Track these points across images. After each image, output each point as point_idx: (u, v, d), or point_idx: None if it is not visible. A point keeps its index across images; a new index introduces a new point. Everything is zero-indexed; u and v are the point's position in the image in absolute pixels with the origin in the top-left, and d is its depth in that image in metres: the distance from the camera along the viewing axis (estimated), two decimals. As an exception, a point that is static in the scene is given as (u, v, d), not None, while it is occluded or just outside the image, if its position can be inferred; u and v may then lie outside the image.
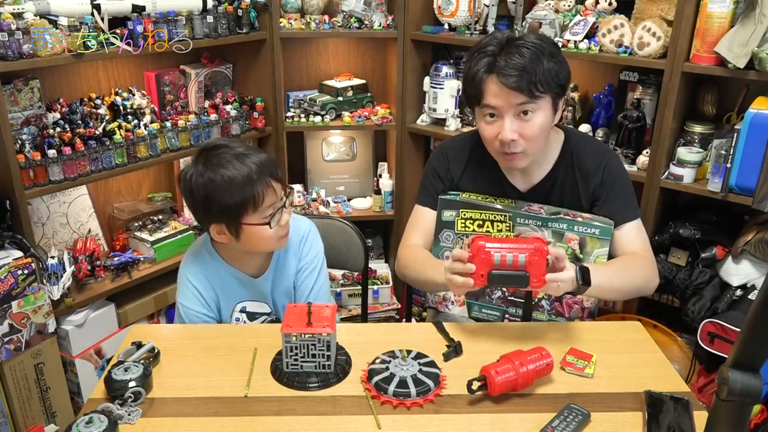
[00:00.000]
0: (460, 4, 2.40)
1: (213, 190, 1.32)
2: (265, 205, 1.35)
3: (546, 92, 1.36)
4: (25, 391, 1.93)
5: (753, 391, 0.76)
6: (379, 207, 2.79)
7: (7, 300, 1.78)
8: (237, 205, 1.32)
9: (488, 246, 1.25)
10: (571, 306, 1.53)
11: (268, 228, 1.37)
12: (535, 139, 1.40)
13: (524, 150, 1.41)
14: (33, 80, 1.96)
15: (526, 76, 1.32)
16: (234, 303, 1.52)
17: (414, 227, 1.62)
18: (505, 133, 1.37)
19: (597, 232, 1.46)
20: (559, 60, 1.37)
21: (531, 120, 1.38)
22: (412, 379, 1.20)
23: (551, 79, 1.35)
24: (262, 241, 1.40)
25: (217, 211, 1.34)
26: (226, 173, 1.31)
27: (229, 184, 1.31)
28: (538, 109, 1.37)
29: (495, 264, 1.25)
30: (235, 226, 1.36)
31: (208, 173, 1.32)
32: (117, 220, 2.38)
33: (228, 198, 1.32)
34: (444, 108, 2.55)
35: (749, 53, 1.80)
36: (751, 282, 1.98)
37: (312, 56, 2.81)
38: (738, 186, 1.91)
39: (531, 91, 1.34)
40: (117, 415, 1.11)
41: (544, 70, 1.33)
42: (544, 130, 1.41)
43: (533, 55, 1.33)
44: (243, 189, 1.32)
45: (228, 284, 1.50)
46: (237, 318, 1.53)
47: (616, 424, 1.13)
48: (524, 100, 1.35)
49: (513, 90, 1.33)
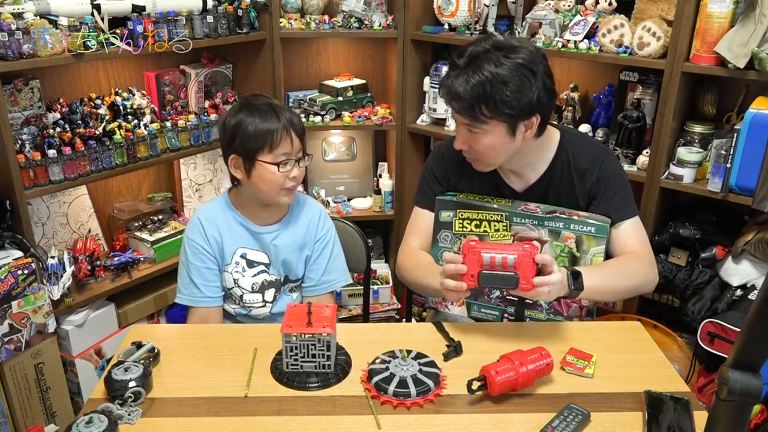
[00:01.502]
0: (460, 4, 2.40)
1: (240, 126, 1.49)
2: (280, 150, 1.48)
3: (492, 119, 1.36)
4: (25, 391, 1.93)
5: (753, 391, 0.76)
6: (379, 207, 2.79)
7: (7, 300, 1.78)
8: (256, 139, 1.47)
9: (478, 247, 1.28)
10: (569, 305, 1.53)
11: (276, 171, 1.48)
12: (483, 155, 1.44)
13: (477, 159, 1.46)
14: (33, 80, 1.96)
15: (464, 103, 1.36)
16: (236, 247, 1.59)
17: (413, 229, 1.63)
18: (455, 142, 1.47)
19: (593, 231, 1.46)
20: (519, 88, 1.33)
21: (479, 139, 1.41)
22: (412, 379, 1.20)
23: (497, 108, 1.34)
24: (269, 184, 1.51)
25: (239, 143, 1.49)
26: (256, 113, 1.49)
27: (255, 121, 1.48)
28: (484, 131, 1.39)
29: (485, 264, 1.27)
30: (250, 160, 1.49)
31: (240, 114, 1.51)
32: (117, 220, 2.38)
33: (251, 132, 1.48)
34: (444, 108, 2.55)
35: (749, 53, 1.80)
36: (751, 282, 1.98)
37: (312, 56, 2.81)
38: (738, 186, 1.91)
39: (473, 117, 1.37)
40: (117, 415, 1.11)
41: (491, 99, 1.33)
42: (495, 149, 1.42)
43: (479, 83, 1.33)
44: (265, 128, 1.47)
45: (233, 228, 1.59)
46: (237, 262, 1.60)
47: (616, 424, 1.14)
48: (467, 122, 1.39)
49: (455, 111, 1.40)
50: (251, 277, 1.61)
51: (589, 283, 1.34)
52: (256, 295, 1.62)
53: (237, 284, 1.60)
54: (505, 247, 1.28)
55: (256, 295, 1.62)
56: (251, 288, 1.61)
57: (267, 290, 1.62)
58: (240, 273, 1.60)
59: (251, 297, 1.62)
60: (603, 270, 1.44)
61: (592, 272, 1.38)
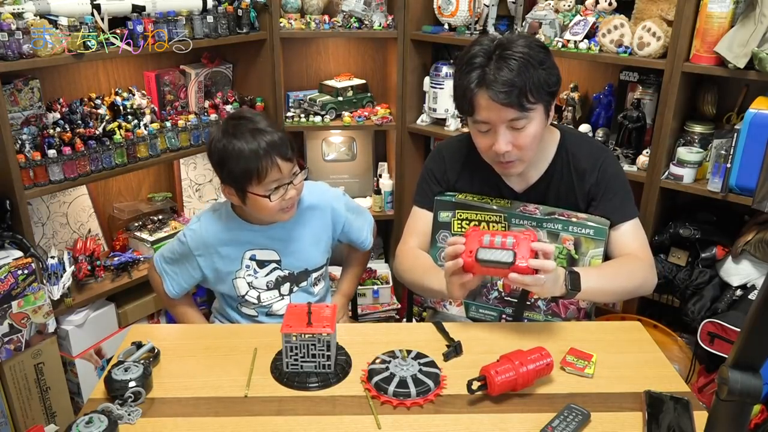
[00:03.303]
0: (460, 4, 2.40)
1: (225, 157, 1.45)
2: (269, 179, 1.44)
3: (537, 102, 1.35)
4: (25, 391, 1.93)
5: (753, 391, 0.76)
6: (379, 207, 2.79)
7: (7, 300, 1.78)
8: (242, 174, 1.44)
9: (480, 231, 1.29)
10: (567, 306, 1.53)
11: (269, 201, 1.46)
12: (529, 147, 1.41)
13: (519, 158, 1.42)
14: (33, 80, 1.96)
15: (515, 91, 1.31)
16: (243, 251, 1.58)
17: (412, 229, 1.63)
18: (499, 146, 1.38)
19: (591, 233, 1.46)
20: (548, 66, 1.34)
21: (524, 130, 1.37)
22: (412, 379, 1.20)
23: (541, 89, 1.33)
24: (265, 210, 1.49)
25: (227, 176, 1.47)
26: (237, 144, 1.43)
27: (237, 155, 1.43)
28: (529, 120, 1.36)
29: (484, 244, 1.27)
30: (241, 191, 1.47)
31: (224, 141, 1.45)
32: (117, 220, 2.38)
33: (235, 167, 1.44)
34: (444, 108, 2.55)
35: (749, 53, 1.80)
36: (751, 282, 1.98)
37: (312, 56, 2.81)
38: (738, 186, 1.91)
39: (522, 105, 1.33)
40: (117, 415, 1.11)
41: (533, 81, 1.31)
42: (537, 137, 1.40)
43: (522, 66, 1.31)
44: (249, 162, 1.42)
45: (237, 235, 1.58)
46: (247, 265, 1.59)
47: (616, 424, 1.13)
48: (516, 115, 1.34)
49: (504, 105, 1.33)
50: (264, 276, 1.60)
51: (587, 284, 1.33)
52: (272, 292, 1.62)
53: (252, 286, 1.59)
54: (507, 233, 1.29)
55: (272, 291, 1.62)
56: (266, 286, 1.61)
57: (282, 285, 1.62)
58: (253, 276, 1.59)
59: (268, 294, 1.62)
60: (601, 271, 1.44)
61: (590, 273, 1.38)
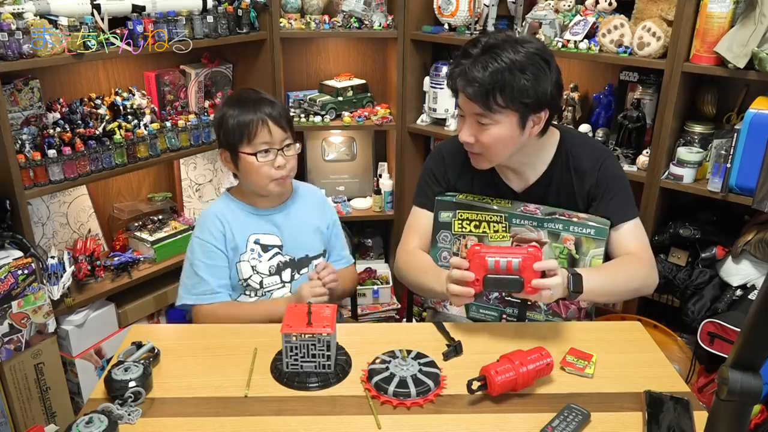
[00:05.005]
0: (460, 4, 2.40)
1: (223, 117, 1.56)
2: (258, 140, 1.53)
3: (506, 107, 1.35)
4: (25, 391, 1.93)
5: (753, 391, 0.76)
6: (379, 207, 2.79)
7: (7, 300, 1.78)
8: (233, 131, 1.54)
9: (483, 251, 1.27)
10: (568, 306, 1.53)
11: (255, 161, 1.53)
12: (490, 148, 1.41)
13: (482, 153, 1.44)
14: (33, 80, 1.96)
15: (482, 90, 1.33)
16: (248, 234, 1.63)
17: (412, 230, 1.63)
18: (461, 134, 1.44)
19: (592, 233, 1.46)
20: (536, 77, 1.33)
21: (487, 130, 1.39)
22: (412, 379, 1.20)
23: (514, 97, 1.33)
24: (255, 174, 1.56)
25: (223, 137, 1.58)
26: (237, 106, 1.55)
27: (234, 114, 1.55)
28: (495, 122, 1.37)
29: (489, 269, 1.27)
30: (234, 153, 1.56)
31: (226, 106, 1.58)
32: (117, 220, 2.38)
33: (230, 125, 1.54)
34: (444, 108, 2.55)
35: (749, 53, 1.80)
36: (751, 282, 1.98)
37: (312, 56, 2.81)
38: (738, 186, 1.91)
39: (487, 105, 1.34)
40: (117, 415, 1.11)
41: (508, 87, 1.32)
42: (502, 142, 1.40)
43: (500, 70, 1.31)
44: (242, 120, 1.53)
45: (241, 218, 1.64)
46: (252, 249, 1.63)
47: (616, 424, 1.14)
48: (480, 111, 1.37)
49: (470, 100, 1.37)
50: (267, 261, 1.64)
51: (589, 285, 1.34)
52: (274, 278, 1.65)
53: (255, 270, 1.63)
54: (509, 250, 1.28)
55: (274, 277, 1.65)
56: (269, 271, 1.64)
57: (283, 271, 1.66)
58: (257, 259, 1.63)
59: (270, 280, 1.65)
60: (603, 272, 1.44)
61: (591, 274, 1.38)
